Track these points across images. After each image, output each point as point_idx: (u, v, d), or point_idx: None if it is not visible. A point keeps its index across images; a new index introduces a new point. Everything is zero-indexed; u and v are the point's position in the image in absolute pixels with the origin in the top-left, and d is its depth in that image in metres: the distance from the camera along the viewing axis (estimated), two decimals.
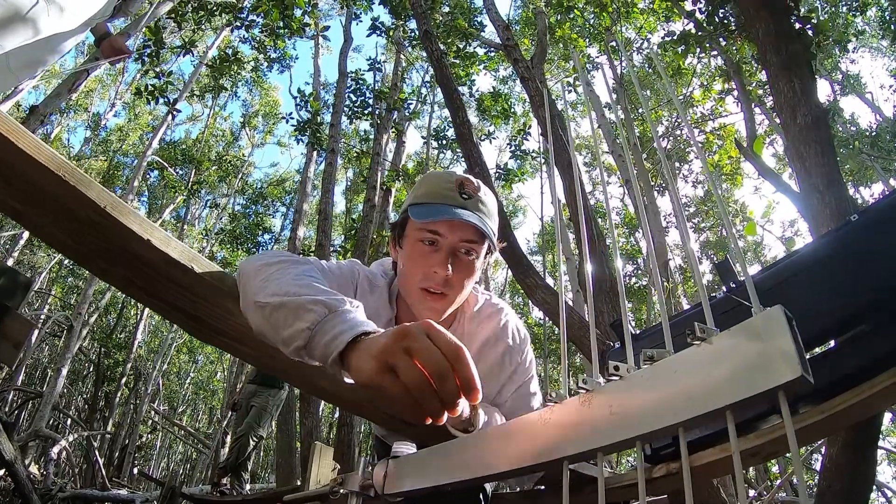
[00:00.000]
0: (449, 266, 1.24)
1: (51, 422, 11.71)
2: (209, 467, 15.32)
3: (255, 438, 6.14)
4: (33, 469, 8.42)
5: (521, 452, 0.71)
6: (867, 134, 13.99)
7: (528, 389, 1.47)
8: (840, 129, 14.37)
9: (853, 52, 16.39)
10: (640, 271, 17.23)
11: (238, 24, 9.01)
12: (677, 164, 15.92)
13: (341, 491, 0.98)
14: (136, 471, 14.66)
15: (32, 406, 13.72)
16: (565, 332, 0.83)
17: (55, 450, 8.63)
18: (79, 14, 1.90)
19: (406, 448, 0.96)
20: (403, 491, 0.89)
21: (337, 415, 14.71)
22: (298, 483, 6.44)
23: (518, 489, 1.84)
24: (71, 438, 10.21)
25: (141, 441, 17.21)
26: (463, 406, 0.75)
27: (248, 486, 6.49)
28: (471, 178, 1.34)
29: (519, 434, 0.74)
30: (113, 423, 15.17)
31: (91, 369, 16.93)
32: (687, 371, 0.57)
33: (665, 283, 7.86)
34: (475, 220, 1.24)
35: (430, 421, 0.75)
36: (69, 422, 15.01)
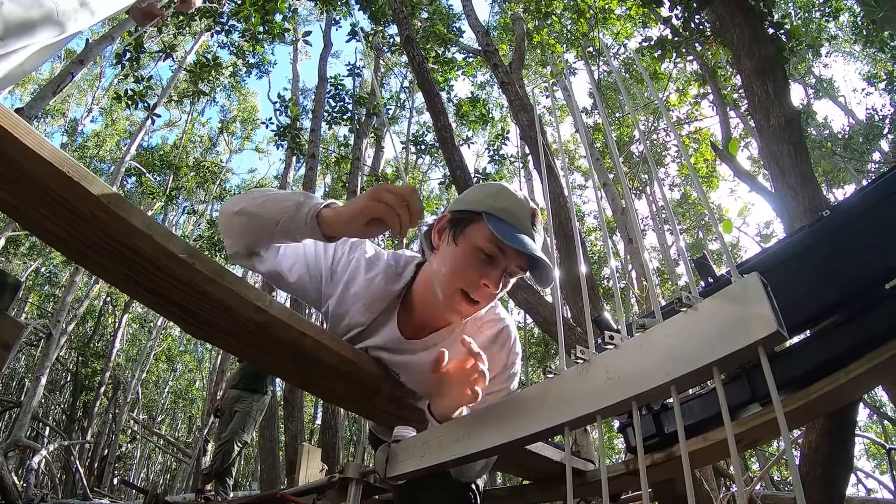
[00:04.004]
0: (500, 284, 1.32)
1: (28, 432, 11.51)
2: (190, 476, 15.15)
3: (239, 444, 6.09)
4: (14, 479, 8.27)
5: (522, 423, 0.75)
6: (840, 136, 14.25)
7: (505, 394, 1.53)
8: (813, 131, 14.62)
9: (826, 56, 16.72)
10: (617, 274, 17.37)
11: (218, 29, 8.97)
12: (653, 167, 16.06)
13: (341, 478, 1.00)
14: (115, 480, 14.47)
15: (9, 416, 13.51)
16: (560, 309, 0.87)
17: (35, 460, 8.50)
18: (105, 12, 1.90)
19: (407, 432, 0.99)
20: (405, 473, 0.91)
21: (319, 421, 14.62)
22: (282, 487, 6.41)
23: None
24: (51, 448, 10.05)
25: (121, 451, 16.98)
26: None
27: (231, 493, 6.45)
28: (537, 209, 1.41)
29: (520, 406, 0.78)
30: (92, 432, 14.95)
31: (69, 378, 16.68)
32: (675, 335, 0.63)
33: (644, 283, 7.96)
34: (540, 255, 1.28)
35: (404, 231, 1.11)
36: (47, 431, 14.77)
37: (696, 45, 6.18)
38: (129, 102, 8.74)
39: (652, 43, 6.49)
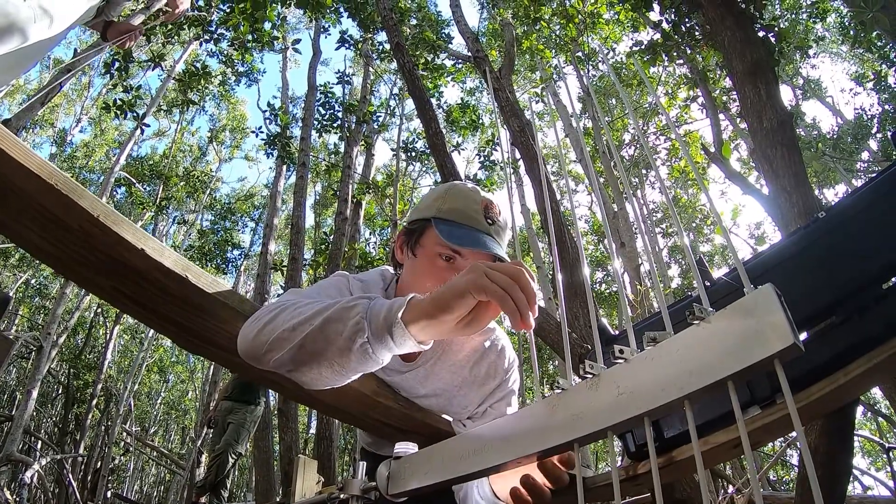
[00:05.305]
0: None
1: (20, 446, 11.38)
2: (184, 488, 15.03)
3: (233, 455, 6.05)
4: (6, 495, 8.17)
5: (530, 440, 0.74)
6: (829, 137, 14.36)
7: (509, 403, 1.52)
8: (802, 132, 14.74)
9: (814, 57, 16.85)
10: (609, 278, 17.38)
11: (207, 37, 8.95)
12: (644, 171, 16.17)
13: (341, 496, 0.98)
14: (109, 493, 14.32)
15: (0, 430, 13.36)
16: (566, 321, 0.85)
17: (28, 474, 8.40)
18: (65, 20, 1.89)
19: (408, 448, 0.96)
20: (408, 490, 0.89)
21: (313, 430, 14.54)
22: (278, 499, 6.36)
23: None
24: (44, 462, 9.94)
25: (114, 463, 16.83)
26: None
27: None
28: (493, 200, 1.37)
29: (527, 423, 0.76)
30: (85, 445, 14.80)
31: (60, 391, 16.53)
32: (688, 348, 0.62)
33: (638, 286, 7.97)
34: (498, 250, 1.28)
35: (528, 317, 0.88)
36: (40, 445, 14.64)
37: (686, 48, 6.20)
38: (118, 112, 8.69)
39: (643, 47, 6.51)
